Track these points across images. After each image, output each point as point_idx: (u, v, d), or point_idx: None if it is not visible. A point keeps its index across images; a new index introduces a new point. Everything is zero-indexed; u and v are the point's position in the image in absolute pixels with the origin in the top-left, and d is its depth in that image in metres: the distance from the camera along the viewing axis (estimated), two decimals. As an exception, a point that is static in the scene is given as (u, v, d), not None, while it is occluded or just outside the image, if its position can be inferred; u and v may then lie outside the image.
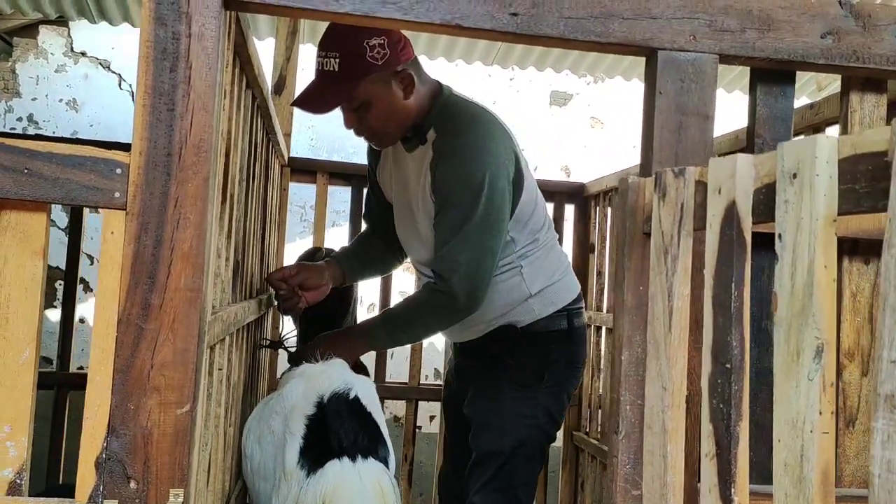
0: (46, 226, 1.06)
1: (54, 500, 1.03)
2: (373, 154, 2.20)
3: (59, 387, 2.91)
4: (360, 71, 1.82)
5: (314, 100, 1.88)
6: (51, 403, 2.90)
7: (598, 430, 3.06)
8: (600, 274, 3.15)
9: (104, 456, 1.04)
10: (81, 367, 3.25)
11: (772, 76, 1.23)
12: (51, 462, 2.83)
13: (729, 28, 1.16)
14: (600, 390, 3.09)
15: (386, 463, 1.67)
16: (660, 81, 1.15)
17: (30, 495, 1.04)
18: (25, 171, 1.02)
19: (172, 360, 1.06)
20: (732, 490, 0.87)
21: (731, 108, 3.37)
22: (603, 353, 3.11)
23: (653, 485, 1.02)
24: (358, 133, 1.97)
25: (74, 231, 3.06)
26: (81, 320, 4.21)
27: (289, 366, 2.07)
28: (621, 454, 1.10)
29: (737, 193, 0.88)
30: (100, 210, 1.06)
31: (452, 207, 1.84)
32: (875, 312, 1.39)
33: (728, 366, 0.88)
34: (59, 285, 4.18)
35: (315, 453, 1.60)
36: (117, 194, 1.05)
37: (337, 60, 1.81)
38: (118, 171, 1.05)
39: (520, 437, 2.00)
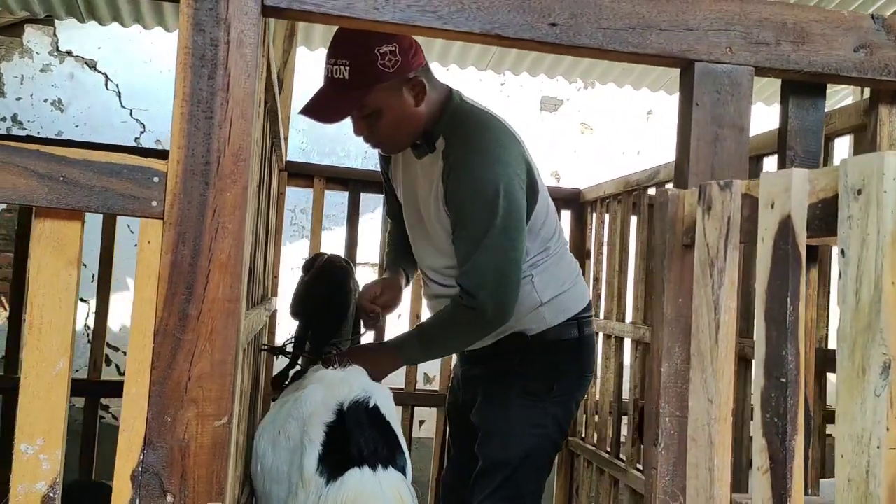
0: (81, 235, 1.03)
1: (89, 516, 1.01)
2: (384, 159, 2.18)
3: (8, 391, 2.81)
4: (371, 79, 1.79)
5: (324, 109, 1.85)
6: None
7: (595, 435, 3.07)
8: (597, 280, 3.16)
9: (140, 469, 1.01)
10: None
11: (803, 88, 1.24)
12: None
13: (764, 41, 1.17)
14: (597, 396, 3.10)
15: (404, 472, 1.67)
16: (696, 93, 1.15)
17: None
18: (61, 178, 1.00)
19: (210, 371, 1.04)
20: (787, 504, 0.87)
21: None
22: (600, 359, 3.12)
23: (697, 498, 1.02)
24: (367, 140, 1.94)
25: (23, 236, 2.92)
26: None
27: (305, 368, 2.05)
28: (661, 466, 1.10)
29: (792, 207, 0.88)
30: (138, 219, 1.04)
31: (470, 222, 1.82)
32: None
33: (783, 380, 0.89)
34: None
35: (334, 461, 1.59)
36: (154, 203, 1.03)
37: (347, 68, 1.78)
38: (156, 179, 1.03)
39: (528, 447, 2.00)
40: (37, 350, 1.01)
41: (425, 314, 2.59)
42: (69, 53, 4.58)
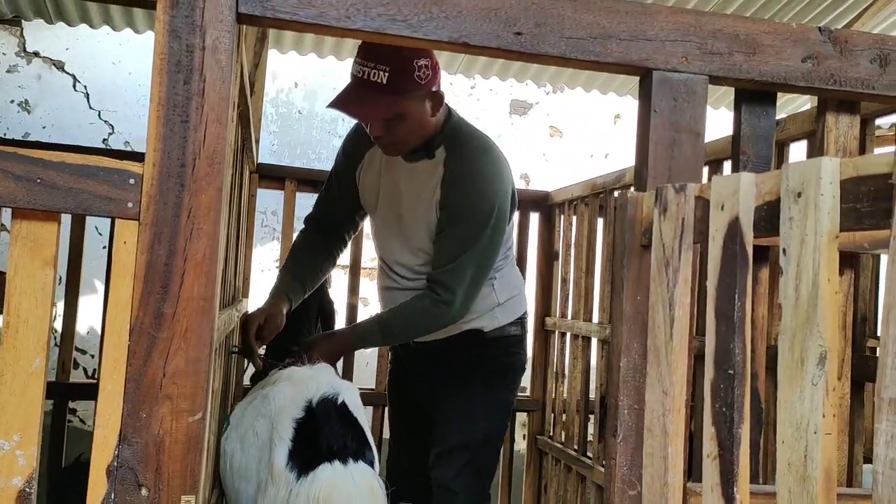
0: (57, 236, 1.06)
1: (65, 510, 1.03)
2: (354, 158, 2.27)
3: None
4: (408, 87, 1.94)
5: (353, 105, 1.98)
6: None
7: (563, 434, 3.13)
8: (565, 281, 3.22)
9: (116, 464, 1.04)
10: None
11: (755, 97, 1.30)
12: None
13: (718, 51, 1.23)
14: (564, 395, 3.16)
15: (372, 466, 1.71)
16: (654, 100, 1.21)
17: (38, 506, 1.04)
18: (38, 180, 1.02)
19: (185, 368, 1.07)
20: (735, 489, 0.93)
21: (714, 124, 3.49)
22: (567, 358, 3.18)
23: (653, 485, 1.07)
24: (378, 139, 2.05)
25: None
26: None
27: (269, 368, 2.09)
28: (619, 456, 1.15)
29: (740, 209, 0.93)
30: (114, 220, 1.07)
31: (464, 227, 2.01)
32: (847, 319, 1.48)
33: (731, 372, 0.94)
34: None
35: (304, 456, 1.62)
36: (130, 204, 1.06)
37: (387, 74, 1.91)
38: (131, 181, 1.06)
39: (487, 429, 2.25)
40: (13, 348, 1.03)
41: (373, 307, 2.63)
42: (36, 54, 4.53)
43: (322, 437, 1.64)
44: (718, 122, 3.65)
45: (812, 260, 0.82)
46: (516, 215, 2.30)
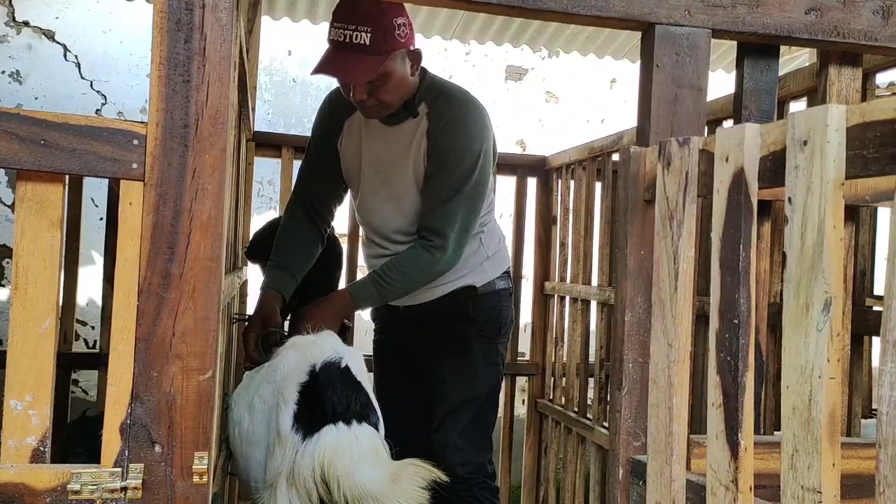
0: (63, 197, 1.06)
1: (78, 466, 1.04)
2: (332, 128, 2.26)
3: None
4: (390, 46, 1.95)
5: (338, 69, 1.98)
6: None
7: (562, 397, 3.16)
8: (563, 245, 3.23)
9: (129, 422, 1.05)
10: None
11: (758, 51, 1.30)
12: None
13: (721, 3, 1.22)
14: (564, 358, 3.18)
15: (377, 429, 1.72)
16: (657, 55, 1.21)
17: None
18: (42, 142, 1.02)
19: (194, 327, 1.07)
20: (739, 435, 0.95)
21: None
22: (567, 322, 3.20)
23: (658, 435, 1.09)
24: (362, 103, 2.03)
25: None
26: None
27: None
28: (624, 409, 1.17)
29: (745, 160, 0.94)
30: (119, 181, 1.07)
31: (452, 172, 2.03)
32: (847, 272, 1.50)
33: (735, 321, 0.95)
34: (7, 262, 4.08)
35: (309, 418, 1.64)
36: (135, 165, 1.06)
37: (369, 35, 1.91)
38: (135, 142, 1.06)
39: (490, 383, 2.30)
40: (23, 310, 1.04)
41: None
42: (26, 24, 4.47)
43: (326, 399, 1.66)
44: (714, 83, 3.63)
45: (818, 207, 0.83)
46: (508, 177, 2.34)
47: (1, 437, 1.04)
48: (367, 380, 1.86)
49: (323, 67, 1.97)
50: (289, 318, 2.27)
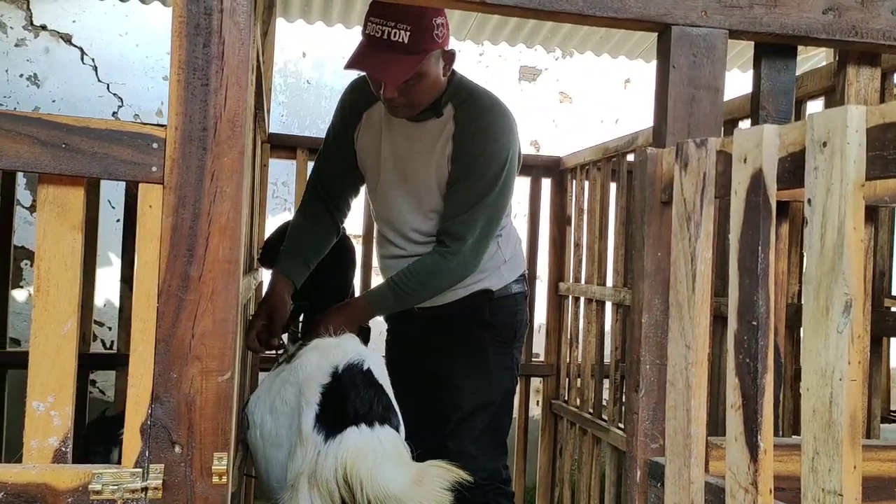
0: (84, 200, 1.07)
1: (100, 467, 1.05)
2: (350, 120, 2.23)
3: None
4: (428, 46, 1.93)
5: (373, 66, 1.95)
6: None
7: (577, 398, 3.16)
8: (578, 246, 3.22)
9: (149, 422, 1.06)
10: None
11: (775, 51, 1.29)
12: None
13: (738, 4, 1.22)
14: (579, 359, 3.18)
15: (398, 431, 1.73)
16: (673, 56, 1.20)
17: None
18: (63, 145, 1.03)
19: (213, 329, 1.08)
20: (759, 437, 0.94)
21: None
22: (581, 323, 3.19)
23: (676, 437, 1.09)
24: (392, 101, 2.00)
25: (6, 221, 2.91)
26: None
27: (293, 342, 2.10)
28: (642, 410, 1.17)
29: (763, 162, 0.94)
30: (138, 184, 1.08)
31: (478, 178, 2.01)
32: (865, 273, 1.49)
33: (754, 323, 0.95)
34: (25, 264, 4.13)
35: (331, 420, 1.65)
36: (154, 168, 1.07)
37: (407, 33, 1.89)
38: (155, 145, 1.07)
39: (504, 388, 2.29)
40: (45, 311, 1.05)
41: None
42: (44, 27, 4.52)
43: (348, 401, 1.67)
44: (729, 83, 3.61)
45: (838, 209, 0.83)
46: (528, 180, 2.35)
47: (23, 437, 1.05)
48: (388, 382, 1.86)
49: (357, 62, 1.94)
50: (300, 317, 2.26)
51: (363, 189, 2.38)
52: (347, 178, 2.28)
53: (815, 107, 1.94)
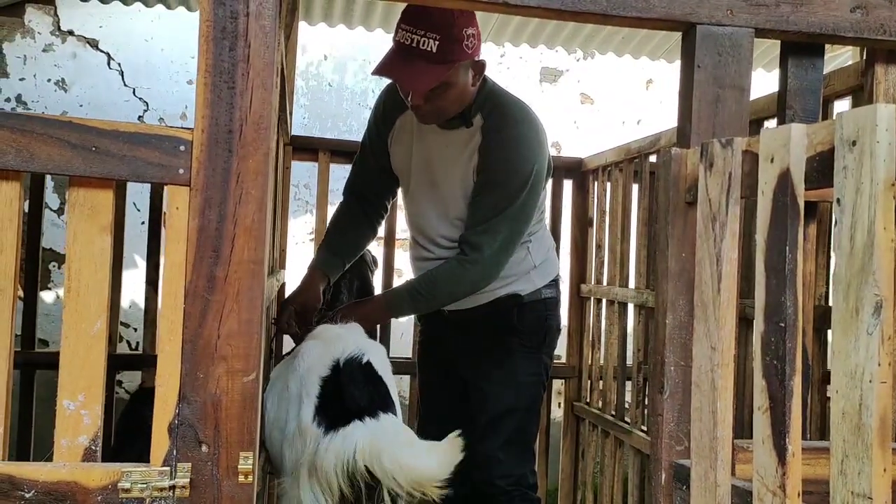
0: (112, 202, 1.08)
1: (129, 465, 1.07)
2: (385, 124, 2.25)
3: (24, 366, 2.81)
4: (457, 56, 1.92)
5: (400, 73, 1.95)
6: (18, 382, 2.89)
7: (600, 400, 3.14)
8: (600, 248, 3.21)
9: (177, 422, 1.07)
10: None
11: (802, 49, 1.28)
12: (21, 438, 2.82)
13: (764, 2, 1.21)
14: (601, 361, 3.16)
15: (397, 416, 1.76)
16: (698, 55, 1.20)
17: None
18: (93, 148, 1.05)
19: (238, 330, 1.09)
20: (787, 440, 0.93)
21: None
22: (603, 324, 3.18)
23: (702, 440, 1.08)
24: (418, 109, 2.02)
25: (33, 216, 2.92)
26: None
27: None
28: (666, 412, 1.16)
29: (791, 161, 0.93)
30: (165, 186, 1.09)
31: (501, 192, 2.01)
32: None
33: (782, 325, 0.94)
34: (53, 266, 4.19)
35: (330, 413, 1.68)
36: (181, 171, 1.08)
37: (437, 42, 1.88)
38: (181, 148, 1.08)
39: (532, 394, 2.26)
40: (76, 312, 1.06)
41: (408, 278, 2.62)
42: (71, 33, 4.58)
43: (348, 395, 1.70)
44: (754, 82, 3.58)
45: (868, 209, 0.82)
46: (549, 181, 2.29)
47: (54, 436, 1.07)
48: (389, 374, 1.89)
49: (384, 69, 1.95)
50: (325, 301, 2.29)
51: (398, 191, 2.41)
52: (382, 181, 2.31)
53: (841, 106, 1.92)
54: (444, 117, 2.05)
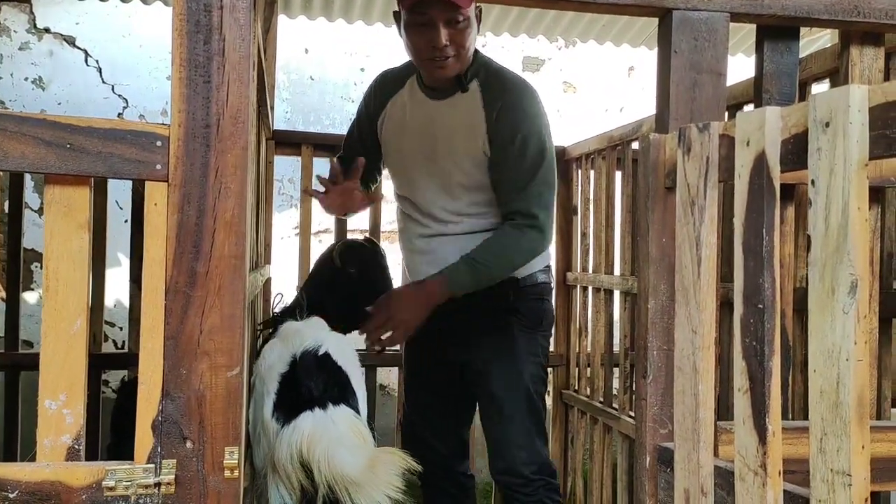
0: (89, 199, 1.07)
1: (113, 463, 1.06)
2: (376, 105, 2.27)
3: (8, 367, 2.81)
4: None
5: None
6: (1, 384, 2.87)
7: (587, 387, 3.16)
8: (585, 236, 3.22)
9: (160, 418, 1.07)
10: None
11: (778, 33, 1.28)
12: (7, 440, 2.80)
13: (738, -13, 1.21)
14: (588, 348, 3.18)
15: (357, 412, 1.75)
16: (674, 40, 1.20)
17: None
18: (68, 146, 1.04)
19: (220, 325, 1.09)
20: (767, 419, 0.94)
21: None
22: (590, 312, 3.19)
23: (684, 422, 1.09)
24: (443, 51, 1.98)
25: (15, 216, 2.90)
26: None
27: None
28: (650, 396, 1.17)
29: (766, 144, 0.93)
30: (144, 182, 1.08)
31: (524, 159, 2.03)
32: (873, 255, 1.48)
33: (760, 306, 0.95)
34: (35, 266, 4.15)
35: (287, 406, 1.69)
36: (159, 166, 1.07)
37: None
38: (159, 143, 1.07)
39: (533, 373, 2.26)
40: (55, 311, 1.06)
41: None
42: (47, 30, 4.53)
43: (302, 386, 1.70)
44: (736, 67, 3.60)
45: (841, 189, 0.82)
46: None
47: (36, 436, 1.06)
48: (353, 364, 1.88)
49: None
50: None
51: (381, 179, 2.43)
52: (368, 165, 2.28)
53: (819, 89, 1.93)
54: (460, 65, 2.02)
